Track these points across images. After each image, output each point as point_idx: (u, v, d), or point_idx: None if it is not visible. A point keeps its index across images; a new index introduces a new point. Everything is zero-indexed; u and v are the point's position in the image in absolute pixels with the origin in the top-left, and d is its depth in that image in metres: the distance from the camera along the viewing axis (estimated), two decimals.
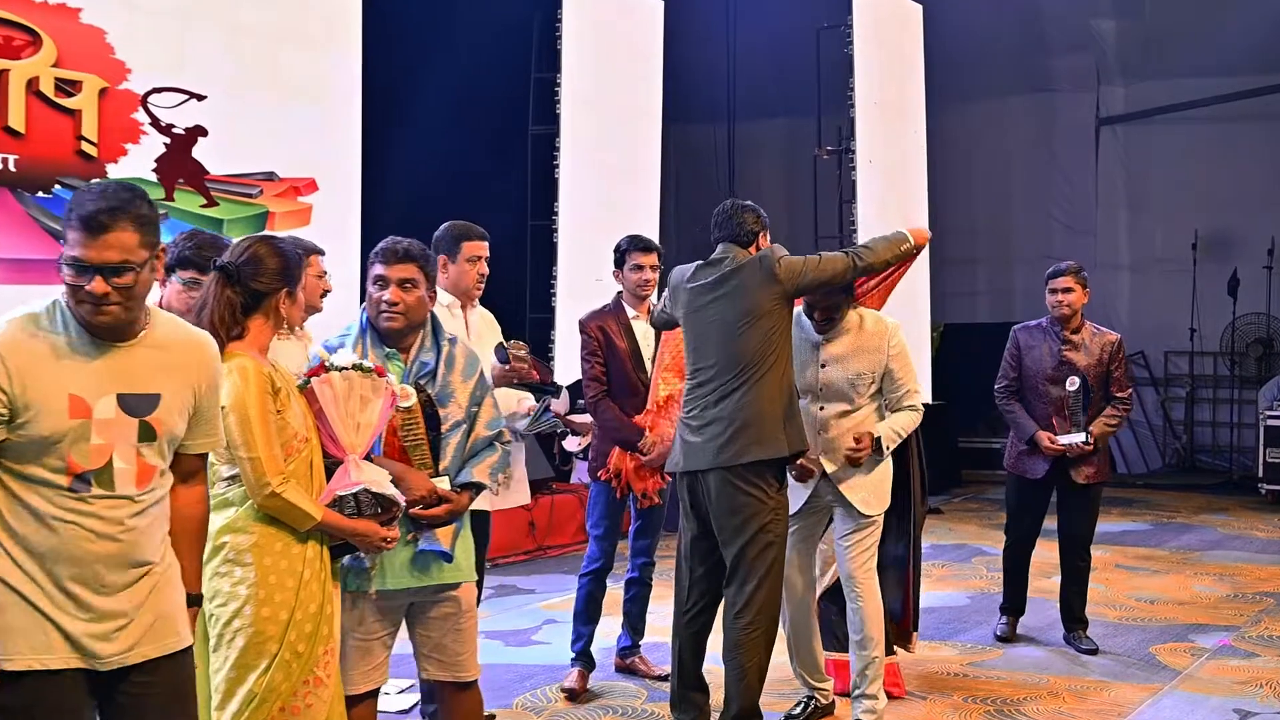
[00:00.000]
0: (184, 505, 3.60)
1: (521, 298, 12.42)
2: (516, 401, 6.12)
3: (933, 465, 14.23)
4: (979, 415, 14.98)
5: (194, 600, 3.66)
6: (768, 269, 5.62)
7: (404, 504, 4.31)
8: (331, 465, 4.25)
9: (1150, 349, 16.79)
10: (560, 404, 7.02)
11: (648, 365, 6.80)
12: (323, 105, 9.23)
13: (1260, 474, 13.88)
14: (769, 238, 5.89)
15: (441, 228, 5.99)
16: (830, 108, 14.10)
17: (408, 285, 4.63)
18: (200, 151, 8.57)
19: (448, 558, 4.59)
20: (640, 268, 6.81)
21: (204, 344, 3.61)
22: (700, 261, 5.87)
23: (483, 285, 5.96)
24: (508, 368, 5.81)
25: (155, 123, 8.30)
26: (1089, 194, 17.06)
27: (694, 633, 5.85)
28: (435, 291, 4.79)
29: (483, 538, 5.87)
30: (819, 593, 6.50)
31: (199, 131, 8.53)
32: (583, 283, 10.36)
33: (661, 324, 6.33)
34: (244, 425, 3.93)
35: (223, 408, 3.83)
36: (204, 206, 8.66)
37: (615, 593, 7.22)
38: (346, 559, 4.41)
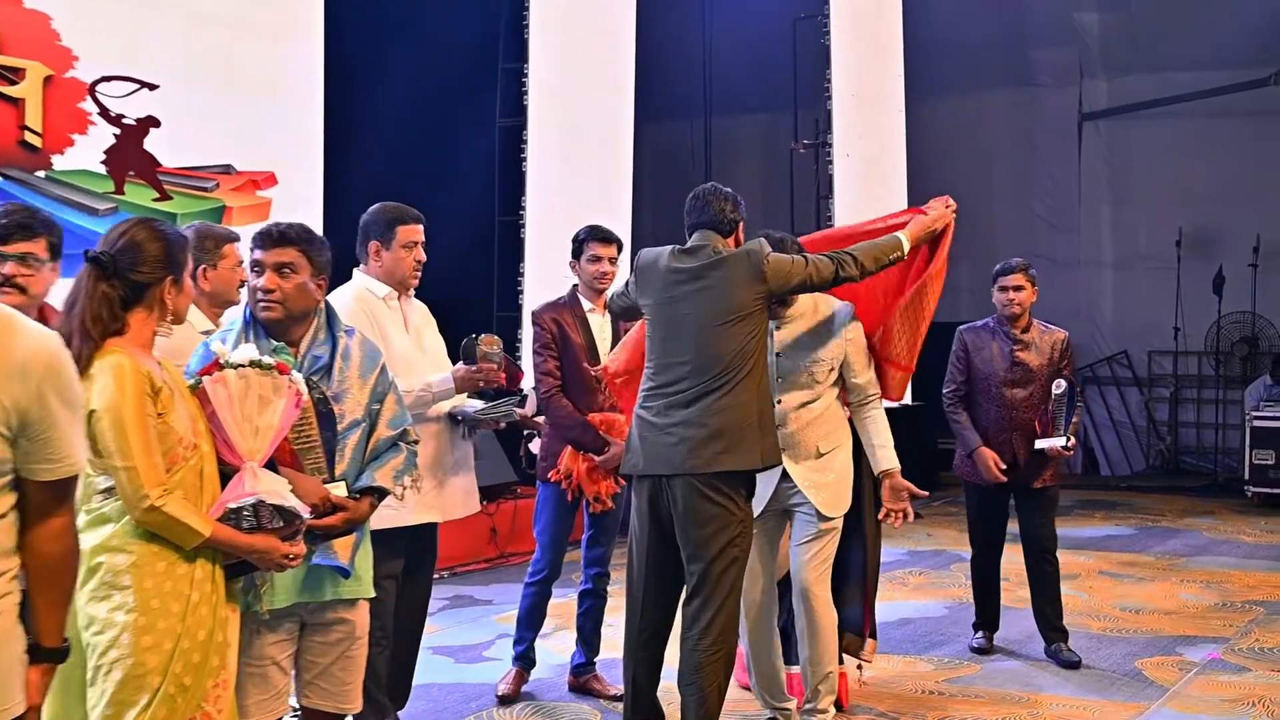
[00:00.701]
0: (37, 542, 3.01)
1: (488, 295, 12.15)
2: (464, 396, 5.58)
3: (911, 467, 14.19)
4: None
5: (53, 655, 3.07)
6: (755, 266, 5.23)
7: (308, 516, 3.90)
8: (229, 474, 3.83)
9: (1134, 348, 16.68)
10: (527, 406, 6.73)
11: (604, 361, 6.42)
12: (283, 96, 9.04)
13: (1246, 476, 13.68)
14: (745, 229, 5.54)
15: (371, 210, 5.49)
16: (807, 101, 13.95)
17: (285, 270, 4.24)
18: (153, 143, 8.36)
19: (345, 573, 4.22)
20: (598, 259, 6.48)
21: (31, 347, 2.92)
22: (675, 246, 5.44)
23: (419, 273, 5.46)
24: (475, 369, 5.37)
25: (104, 113, 8.09)
26: (1072, 190, 16.95)
27: (649, 654, 5.40)
28: (325, 279, 4.39)
29: (429, 551, 5.50)
30: None
31: (151, 122, 8.33)
32: (551, 279, 10.06)
33: (620, 311, 5.89)
34: (118, 431, 3.49)
35: (93, 412, 3.45)
36: (156, 200, 8.47)
37: (569, 604, 6.92)
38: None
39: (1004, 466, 7.30)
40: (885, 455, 5.78)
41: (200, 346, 4.18)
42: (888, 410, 5.97)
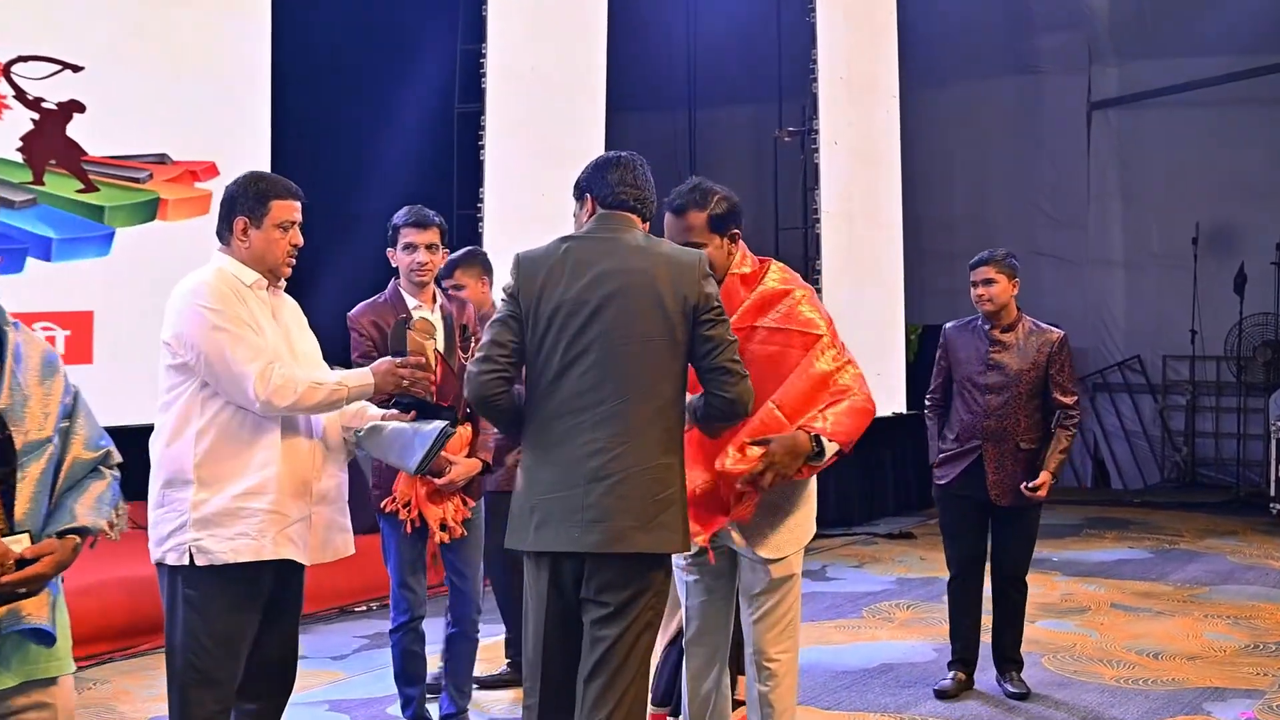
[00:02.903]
0: None
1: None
2: (351, 415, 4.82)
3: (906, 482, 14.08)
4: None
5: None
6: (693, 278, 4.31)
7: None
8: None
9: (1147, 353, 16.56)
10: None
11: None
12: (225, 78, 8.91)
13: (1272, 492, 13.42)
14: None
15: (239, 180, 4.73)
16: (793, 87, 13.75)
17: None
18: (77, 130, 8.20)
19: (50, 638, 3.44)
20: (412, 247, 5.85)
21: None
22: (571, 235, 4.47)
23: (294, 260, 4.73)
24: (400, 363, 4.65)
25: (21, 96, 7.97)
26: (1080, 184, 16.85)
27: None
28: None
29: (293, 597, 4.68)
30: (666, 639, 5.61)
31: (74, 106, 8.22)
32: None
33: (481, 394, 4.38)
34: None
35: None
36: (81, 191, 8.34)
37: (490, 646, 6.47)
38: None
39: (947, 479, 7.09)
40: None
41: None
42: (885, 418, 5.63)
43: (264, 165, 8.82)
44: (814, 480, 5.02)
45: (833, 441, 4.66)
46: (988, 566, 7.30)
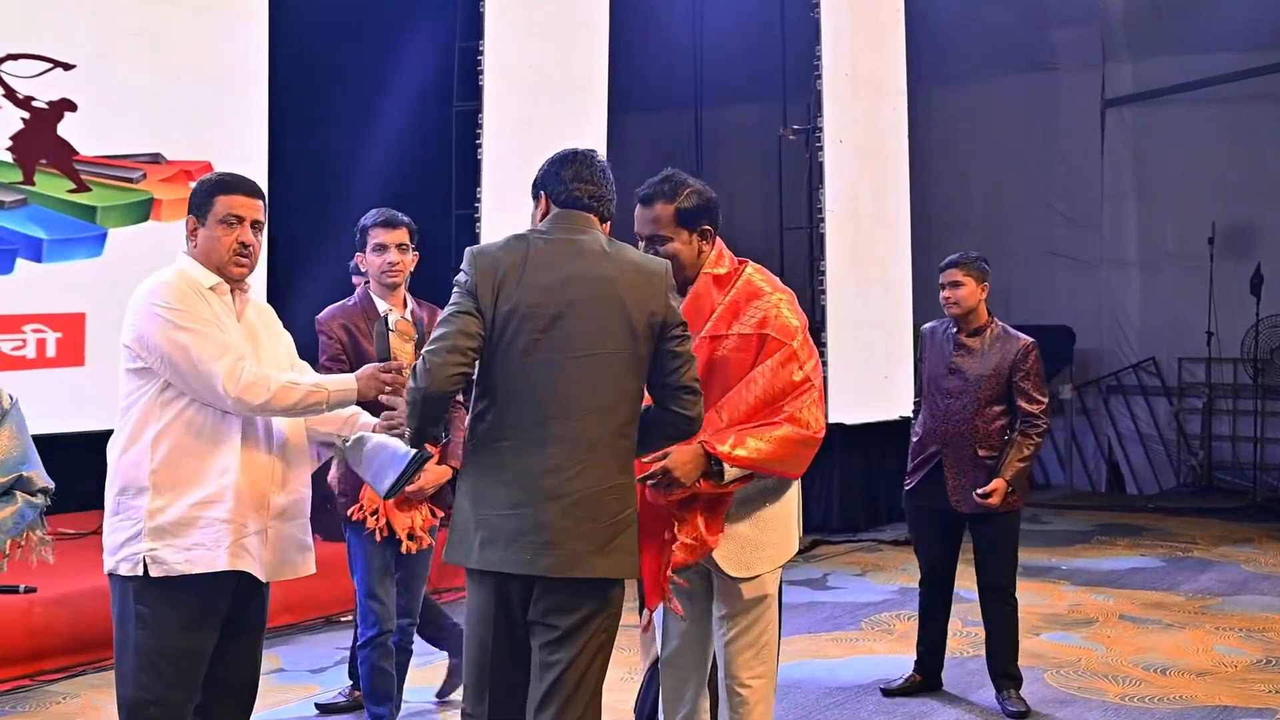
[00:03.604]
0: None
1: (444, 294, 11.97)
2: (343, 422, 4.73)
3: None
4: None
5: None
6: (660, 289, 4.17)
7: None
8: None
9: (1163, 355, 16.44)
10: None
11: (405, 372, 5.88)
12: (221, 76, 8.91)
13: None
14: None
15: (198, 180, 4.64)
16: (798, 85, 13.74)
17: None
18: (69, 129, 8.20)
19: None
20: (383, 248, 5.85)
21: None
22: (524, 236, 4.20)
23: (246, 262, 4.46)
24: (382, 367, 4.55)
25: (10, 94, 8.01)
26: (1094, 183, 16.71)
27: None
28: None
29: (255, 612, 4.52)
30: (649, 660, 5.39)
31: (65, 105, 8.23)
32: None
33: (442, 389, 4.06)
34: None
35: None
36: (72, 191, 8.36)
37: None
38: None
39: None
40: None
41: None
42: (892, 422, 5.60)
43: (260, 164, 8.85)
44: (796, 498, 4.86)
45: (734, 467, 4.45)
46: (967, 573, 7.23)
